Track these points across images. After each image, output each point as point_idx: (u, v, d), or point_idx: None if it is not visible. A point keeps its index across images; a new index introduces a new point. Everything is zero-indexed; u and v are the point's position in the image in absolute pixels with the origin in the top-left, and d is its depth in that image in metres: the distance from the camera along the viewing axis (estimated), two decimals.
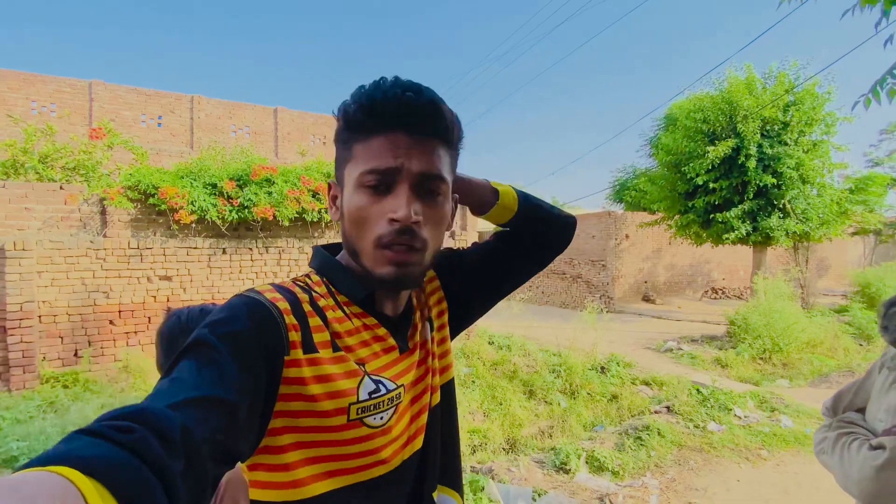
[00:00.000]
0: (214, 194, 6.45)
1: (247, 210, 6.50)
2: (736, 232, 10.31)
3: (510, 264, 0.95)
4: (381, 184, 0.68)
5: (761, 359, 7.22)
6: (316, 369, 0.65)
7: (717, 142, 10.15)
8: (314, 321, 0.68)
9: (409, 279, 0.71)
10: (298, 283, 0.73)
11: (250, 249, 6.85)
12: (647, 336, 9.44)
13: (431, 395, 0.83)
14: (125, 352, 5.98)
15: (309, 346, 0.65)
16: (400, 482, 0.74)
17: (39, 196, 5.85)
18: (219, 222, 6.44)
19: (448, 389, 0.87)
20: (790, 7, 2.41)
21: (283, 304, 0.66)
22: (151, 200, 6.14)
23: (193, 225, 6.41)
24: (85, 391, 5.23)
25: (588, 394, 5.41)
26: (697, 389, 5.20)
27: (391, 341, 0.75)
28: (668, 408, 4.76)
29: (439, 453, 0.82)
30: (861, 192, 11.08)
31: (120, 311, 6.06)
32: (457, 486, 0.86)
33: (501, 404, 5.40)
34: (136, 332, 6.17)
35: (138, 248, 6.14)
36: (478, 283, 0.94)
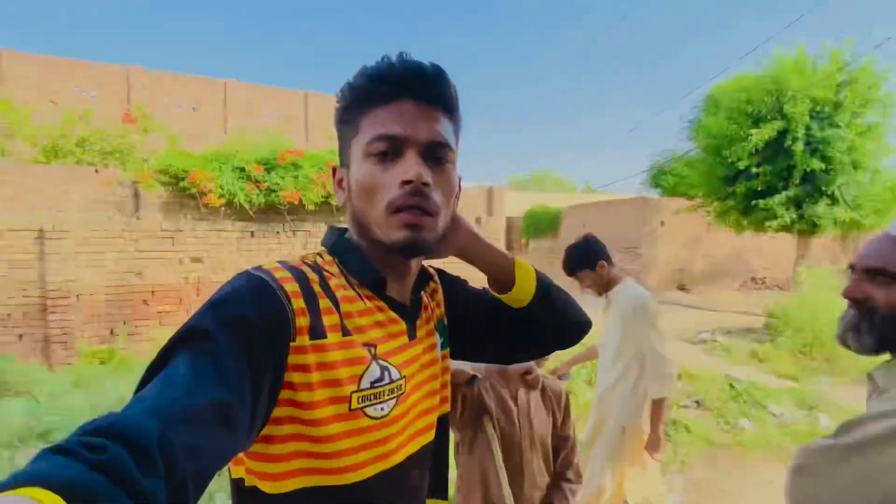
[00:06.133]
0: (242, 178, 6.53)
1: (274, 194, 6.57)
2: (779, 219, 9.78)
3: (504, 338, 0.90)
4: (389, 151, 0.68)
5: (802, 353, 6.87)
6: (320, 356, 0.63)
7: (761, 124, 9.60)
8: (324, 303, 0.67)
9: (422, 243, 0.69)
10: (307, 261, 0.71)
11: (277, 233, 6.94)
12: (680, 327, 9.14)
13: (442, 404, 0.84)
14: (158, 331, 6.18)
15: (316, 331, 0.64)
16: (400, 479, 0.72)
17: (77, 179, 6.05)
18: (247, 206, 6.54)
19: (445, 422, 0.86)
20: None
21: (292, 286, 0.64)
22: (182, 184, 6.28)
23: (222, 208, 6.52)
24: (120, 368, 5.43)
25: None
26: (731, 384, 4.98)
27: (402, 325, 0.75)
28: (697, 402, 4.58)
29: (434, 462, 0.82)
30: None
31: (153, 292, 6.25)
32: (446, 495, 0.87)
33: None
34: (168, 313, 6.36)
35: (170, 230, 6.29)
36: (464, 331, 0.90)
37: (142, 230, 6.14)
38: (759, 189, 10.08)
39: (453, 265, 0.83)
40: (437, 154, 0.70)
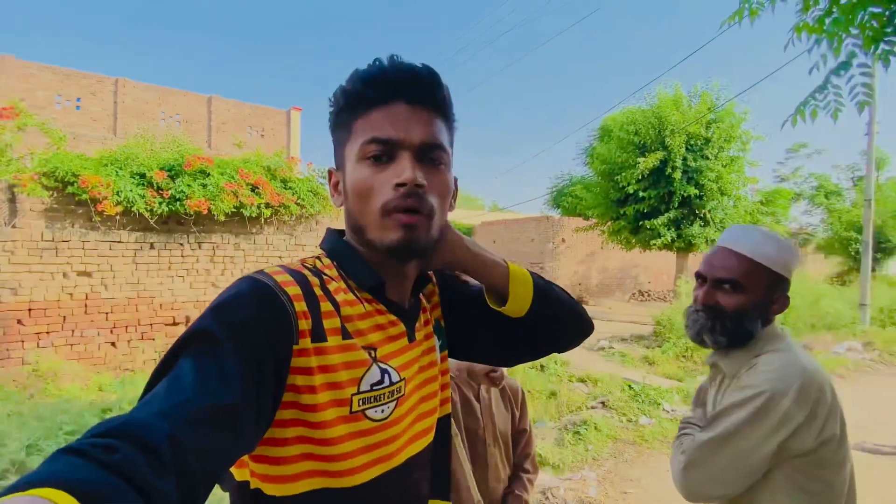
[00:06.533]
0: (143, 185, 6.03)
1: (179, 202, 6.13)
2: (662, 238, 11.02)
3: (500, 341, 0.89)
4: (382, 154, 0.68)
5: (684, 357, 7.75)
6: (322, 359, 0.64)
7: (647, 153, 10.80)
8: (325, 306, 0.66)
9: (417, 245, 0.69)
10: (307, 265, 0.71)
11: (181, 245, 6.47)
12: None
13: (442, 405, 0.84)
14: (35, 354, 5.46)
15: (318, 335, 0.64)
16: (402, 480, 0.72)
17: None
18: (147, 215, 6.03)
19: (446, 423, 0.86)
20: (728, 26, 2.62)
21: (294, 289, 0.64)
22: (70, 189, 5.64)
23: (118, 217, 5.96)
24: None
25: (528, 391, 5.57)
26: (629, 385, 5.49)
27: (401, 327, 0.75)
28: (603, 403, 5.00)
29: (435, 463, 0.83)
30: (770, 204, 12.20)
31: (30, 310, 5.52)
32: (448, 496, 0.87)
33: None
34: (48, 332, 5.64)
35: (53, 240, 5.62)
36: (460, 332, 0.89)
37: (18, 239, 5.42)
38: (646, 211, 11.29)
39: None
40: (431, 156, 0.70)
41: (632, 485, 3.45)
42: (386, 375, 0.70)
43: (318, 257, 0.75)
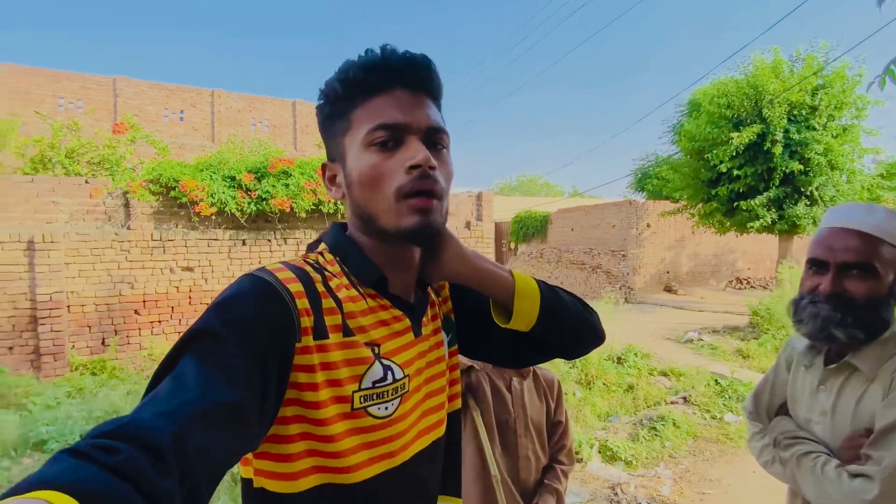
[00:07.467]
0: (233, 187, 6.57)
1: (265, 202, 6.61)
2: (761, 220, 10.04)
3: (507, 345, 0.85)
4: (390, 139, 0.68)
5: None
6: (324, 356, 0.63)
7: (741, 127, 9.86)
8: (327, 303, 0.66)
9: (433, 228, 0.69)
10: (309, 261, 0.70)
11: (269, 241, 6.97)
12: (667, 327, 9.30)
13: (451, 401, 0.83)
14: (150, 340, 6.17)
15: (320, 332, 0.64)
16: (407, 477, 0.72)
17: (66, 190, 6.04)
18: (238, 214, 6.57)
19: (455, 419, 0.86)
20: None
21: (296, 286, 0.63)
22: (173, 193, 6.29)
23: (213, 217, 6.54)
24: (112, 378, 5.42)
25: (604, 384, 5.37)
26: (716, 380, 5.11)
27: (406, 322, 0.74)
28: (684, 398, 4.70)
29: (446, 460, 0.82)
30: (894, 177, 10.66)
31: (144, 301, 6.25)
32: (458, 493, 0.86)
33: None
34: (159, 322, 6.36)
35: (161, 239, 6.30)
36: (470, 330, 0.88)
37: (132, 240, 6.14)
38: (741, 191, 10.33)
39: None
40: (435, 139, 0.71)
41: (711, 485, 3.22)
42: (389, 372, 0.69)
43: (321, 252, 0.74)
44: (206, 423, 0.47)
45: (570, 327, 0.83)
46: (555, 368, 5.70)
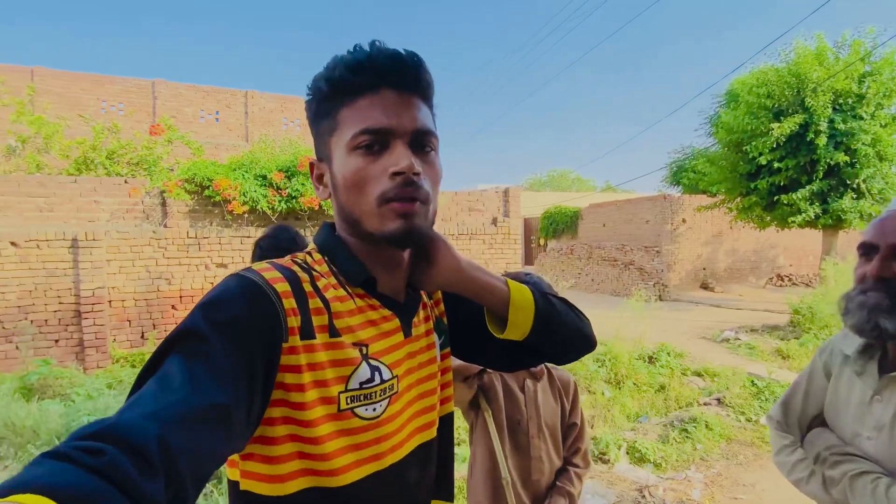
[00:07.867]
0: (264, 185, 6.71)
1: (294, 200, 6.73)
2: (803, 214, 9.61)
3: (500, 351, 0.84)
4: (375, 143, 0.66)
5: None
6: (310, 356, 0.63)
7: (782, 118, 9.44)
8: (314, 303, 0.65)
9: (416, 233, 0.68)
10: (297, 260, 0.70)
11: None
12: (702, 325, 9.01)
13: (442, 404, 0.82)
14: None
15: (307, 332, 0.63)
16: (396, 479, 0.71)
17: (107, 190, 6.30)
18: (269, 212, 6.71)
19: (447, 422, 0.84)
20: None
21: (283, 286, 0.63)
22: (207, 192, 6.48)
23: (245, 215, 6.71)
24: None
25: (634, 384, 5.25)
26: (752, 381, 4.93)
27: (395, 322, 0.73)
28: (718, 400, 4.55)
29: (439, 463, 0.81)
30: None
31: (181, 297, 6.46)
32: (451, 497, 0.85)
33: None
34: None
35: (196, 237, 6.50)
36: (463, 333, 0.87)
37: (169, 237, 6.36)
38: (782, 184, 9.91)
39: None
40: (422, 142, 0.69)
41: (745, 490, 3.10)
42: (377, 373, 0.68)
43: (309, 252, 0.73)
44: (191, 424, 0.47)
45: (562, 337, 0.83)
46: (583, 368, 5.61)
